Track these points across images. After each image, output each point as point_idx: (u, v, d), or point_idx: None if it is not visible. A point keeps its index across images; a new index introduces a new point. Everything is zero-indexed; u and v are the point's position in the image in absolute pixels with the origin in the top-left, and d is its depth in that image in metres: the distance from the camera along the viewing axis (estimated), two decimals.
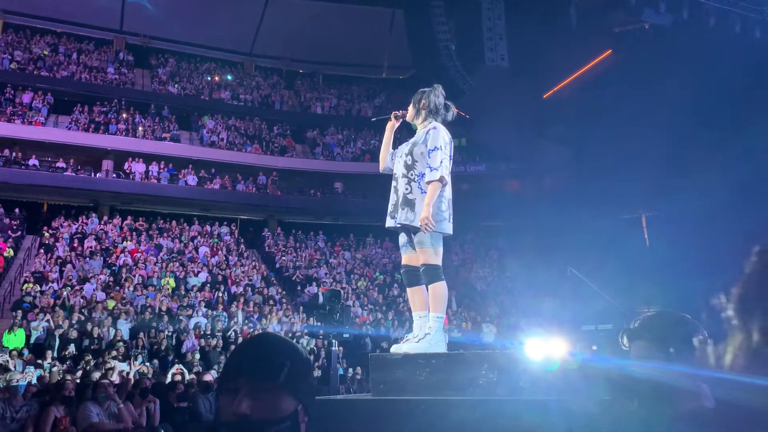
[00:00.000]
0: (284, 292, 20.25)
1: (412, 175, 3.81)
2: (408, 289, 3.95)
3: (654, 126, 19.82)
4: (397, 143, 4.15)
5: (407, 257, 3.91)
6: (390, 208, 3.92)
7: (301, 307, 18.52)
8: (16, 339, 13.17)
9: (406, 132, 4.27)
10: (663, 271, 17.13)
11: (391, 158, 4.11)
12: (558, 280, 17.68)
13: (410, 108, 4.04)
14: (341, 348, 13.52)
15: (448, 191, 3.84)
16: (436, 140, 3.77)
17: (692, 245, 15.90)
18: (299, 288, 20.21)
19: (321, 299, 18.84)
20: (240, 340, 14.84)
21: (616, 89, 23.00)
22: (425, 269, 3.75)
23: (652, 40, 22.43)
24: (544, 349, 3.17)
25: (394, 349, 3.65)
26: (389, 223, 3.93)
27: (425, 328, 3.72)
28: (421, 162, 3.80)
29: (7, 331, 13.42)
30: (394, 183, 3.95)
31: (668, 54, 20.76)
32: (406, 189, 3.80)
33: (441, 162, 3.72)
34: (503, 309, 19.85)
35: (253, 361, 1.33)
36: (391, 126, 4.18)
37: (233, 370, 1.34)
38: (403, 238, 3.94)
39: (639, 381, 1.66)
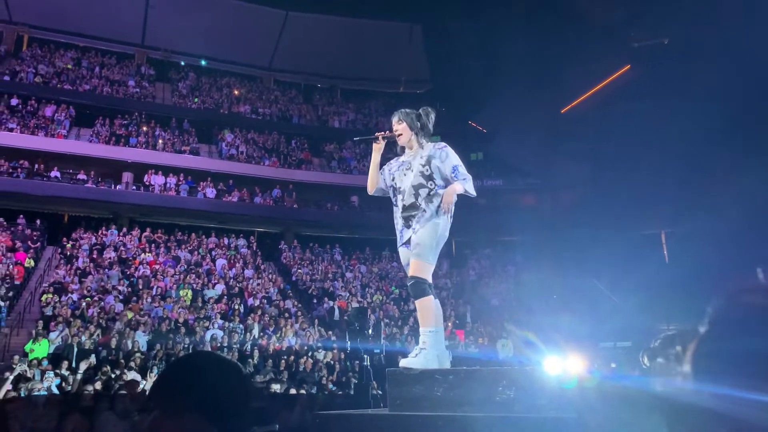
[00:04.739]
0: (300, 305, 20.27)
1: (431, 185, 3.88)
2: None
3: (674, 142, 19.69)
4: (383, 162, 4.23)
5: None
6: (400, 224, 3.96)
7: (317, 321, 18.52)
8: (40, 348, 13.31)
9: (389, 151, 4.27)
10: (682, 287, 16.92)
11: (382, 179, 4.16)
12: (575, 295, 17.56)
13: (406, 130, 4.04)
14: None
15: (446, 227, 3.86)
16: (456, 156, 3.93)
17: (712, 262, 15.71)
18: (315, 301, 20.23)
19: (337, 314, 18.87)
20: (256, 352, 14.87)
21: (635, 104, 22.89)
22: (414, 282, 3.74)
23: (672, 56, 22.35)
24: (561, 366, 3.16)
25: (402, 363, 3.64)
26: (406, 236, 3.92)
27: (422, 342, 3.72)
28: (436, 174, 3.87)
29: (31, 341, 13.58)
30: (399, 196, 3.96)
31: (688, 70, 20.67)
32: (426, 201, 3.84)
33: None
34: (520, 325, 19.69)
35: (164, 381, 1.30)
36: (378, 148, 4.16)
37: (151, 390, 1.32)
38: (405, 258, 3.95)
39: (658, 399, 1.66)
